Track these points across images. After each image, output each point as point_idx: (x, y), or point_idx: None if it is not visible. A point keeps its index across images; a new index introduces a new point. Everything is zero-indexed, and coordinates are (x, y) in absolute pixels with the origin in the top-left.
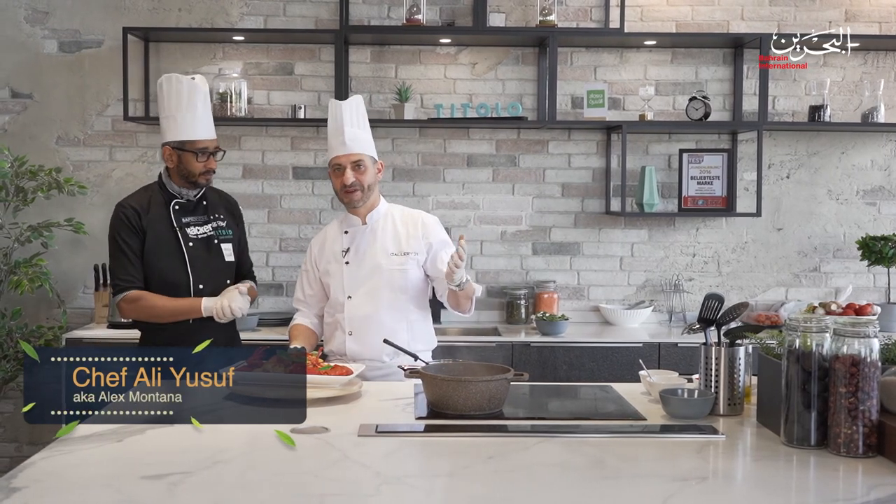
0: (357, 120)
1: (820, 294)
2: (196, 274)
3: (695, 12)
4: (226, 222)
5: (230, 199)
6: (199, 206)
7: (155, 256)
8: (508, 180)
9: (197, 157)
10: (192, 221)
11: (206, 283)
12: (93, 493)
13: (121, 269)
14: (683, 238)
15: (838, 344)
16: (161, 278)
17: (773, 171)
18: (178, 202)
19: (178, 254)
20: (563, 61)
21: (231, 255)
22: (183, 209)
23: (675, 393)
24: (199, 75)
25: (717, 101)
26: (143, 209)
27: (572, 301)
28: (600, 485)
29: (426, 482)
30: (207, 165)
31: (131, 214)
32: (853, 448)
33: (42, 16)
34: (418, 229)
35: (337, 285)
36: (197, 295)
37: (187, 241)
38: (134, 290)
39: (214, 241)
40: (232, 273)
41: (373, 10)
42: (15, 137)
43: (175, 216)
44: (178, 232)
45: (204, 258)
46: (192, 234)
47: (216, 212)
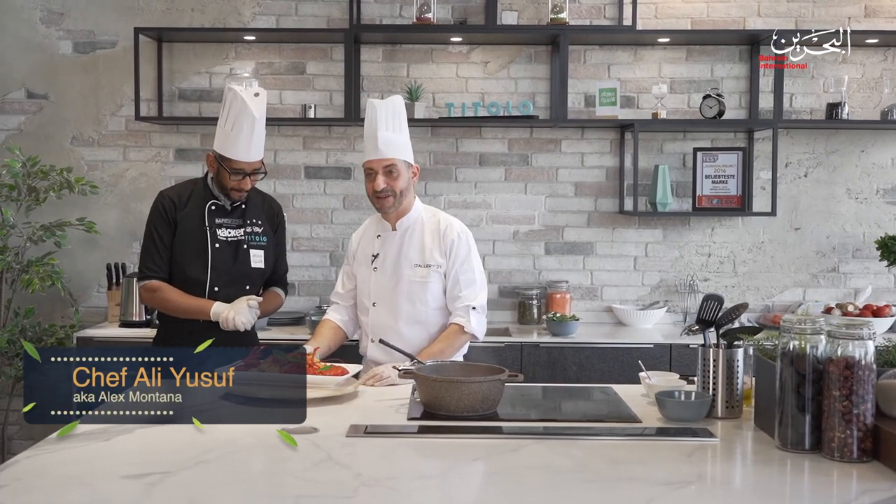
0: (393, 122)
1: (839, 295)
2: (215, 275)
3: (710, 9)
4: (262, 229)
5: (273, 205)
6: (237, 210)
7: (180, 250)
8: (521, 179)
9: (231, 175)
10: (224, 223)
11: (224, 286)
12: (69, 493)
13: (147, 257)
14: (698, 238)
15: (833, 346)
16: (181, 272)
17: (790, 169)
18: (216, 203)
19: (202, 252)
20: (576, 59)
21: (260, 262)
22: (219, 210)
23: (672, 395)
24: (262, 92)
25: (733, 98)
26: (182, 202)
27: (585, 301)
28: (581, 488)
29: (405, 484)
30: (240, 185)
31: (168, 205)
32: (847, 453)
33: (57, 17)
34: (445, 244)
35: (364, 290)
36: (212, 296)
37: (214, 242)
38: (155, 280)
39: (244, 245)
40: (257, 280)
41: (384, 8)
42: (30, 137)
43: (209, 216)
44: (208, 231)
45: (228, 261)
46: (222, 235)
47: (254, 217)
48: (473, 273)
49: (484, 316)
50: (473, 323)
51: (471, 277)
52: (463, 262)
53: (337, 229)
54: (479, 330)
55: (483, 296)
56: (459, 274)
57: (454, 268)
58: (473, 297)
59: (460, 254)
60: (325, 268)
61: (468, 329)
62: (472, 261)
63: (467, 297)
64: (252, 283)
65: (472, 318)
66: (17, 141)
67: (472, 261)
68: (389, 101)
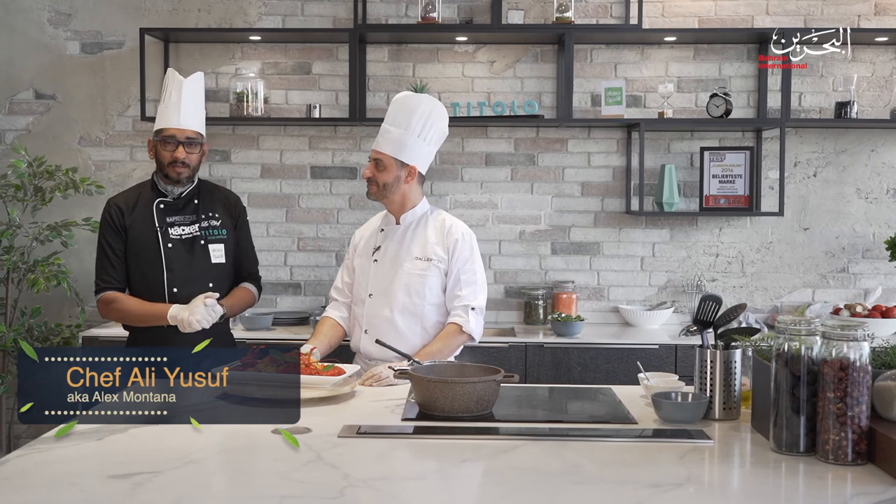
0: (403, 120)
1: (848, 296)
2: (172, 276)
3: (718, 7)
4: (220, 222)
5: (230, 197)
6: (189, 205)
7: (134, 256)
8: (527, 179)
9: (164, 149)
10: (176, 221)
11: (184, 286)
12: (55, 492)
13: (101, 269)
14: (706, 238)
15: (828, 347)
16: (138, 279)
17: (799, 169)
18: (164, 200)
19: (155, 254)
20: (582, 58)
21: (221, 257)
22: (168, 208)
23: (669, 396)
24: (196, 75)
25: (741, 97)
26: (129, 207)
27: (592, 302)
28: (569, 490)
29: (391, 485)
30: (174, 155)
31: (115, 213)
32: (841, 455)
33: (65, 18)
34: (448, 241)
35: (363, 282)
36: (171, 298)
37: (167, 242)
38: (110, 291)
39: (201, 241)
40: (221, 275)
41: (390, 8)
42: (38, 138)
43: (158, 215)
44: (159, 231)
45: (184, 259)
46: (175, 234)
47: (210, 210)
48: (475, 274)
49: (482, 317)
50: (472, 323)
51: (472, 278)
52: (465, 262)
53: (343, 229)
54: (477, 331)
55: (483, 297)
56: (461, 274)
57: (456, 267)
58: (473, 298)
59: (463, 253)
60: (331, 268)
61: (466, 329)
62: (474, 262)
63: (467, 298)
64: (215, 280)
65: (470, 318)
66: (25, 141)
67: (475, 262)
68: (416, 102)
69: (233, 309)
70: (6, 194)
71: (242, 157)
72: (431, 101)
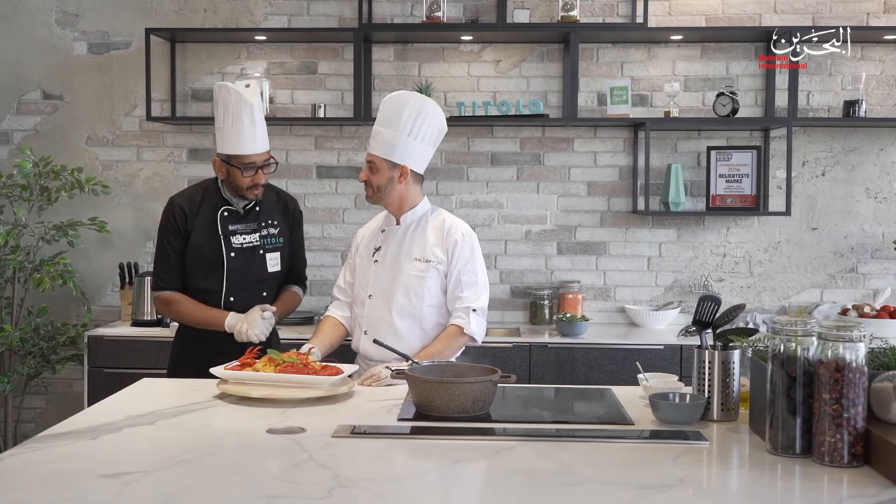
0: (394, 121)
1: (857, 296)
2: (231, 285)
3: (725, 5)
4: (278, 229)
5: (289, 201)
6: (251, 213)
7: (194, 260)
8: (533, 179)
9: (242, 172)
10: (239, 229)
11: (240, 294)
12: (44, 491)
13: (161, 268)
14: (713, 238)
15: (824, 348)
16: (195, 283)
17: (807, 168)
18: (228, 209)
19: (217, 262)
20: (588, 57)
21: (276, 265)
22: (232, 216)
23: (666, 397)
24: (252, 83)
25: (748, 96)
26: (193, 210)
27: (598, 302)
28: (558, 491)
29: (380, 486)
30: (255, 180)
31: (179, 215)
32: (837, 457)
33: (72, 18)
34: (448, 242)
35: (363, 282)
36: (227, 306)
37: (229, 251)
38: (168, 291)
39: (260, 251)
40: (274, 283)
41: (396, 7)
42: (46, 138)
43: (222, 223)
44: (223, 240)
45: (243, 269)
46: (237, 242)
47: (269, 218)
48: (476, 275)
49: (484, 319)
50: (473, 325)
51: (473, 279)
52: (466, 262)
53: (349, 229)
54: (478, 332)
55: (484, 298)
56: (462, 275)
57: (456, 268)
58: (475, 299)
59: (463, 254)
60: (337, 267)
61: (467, 331)
62: (475, 262)
63: (468, 299)
64: (269, 288)
65: (472, 319)
66: (33, 141)
67: (476, 263)
68: (404, 101)
69: (283, 314)
70: (12, 194)
71: None
72: (420, 98)
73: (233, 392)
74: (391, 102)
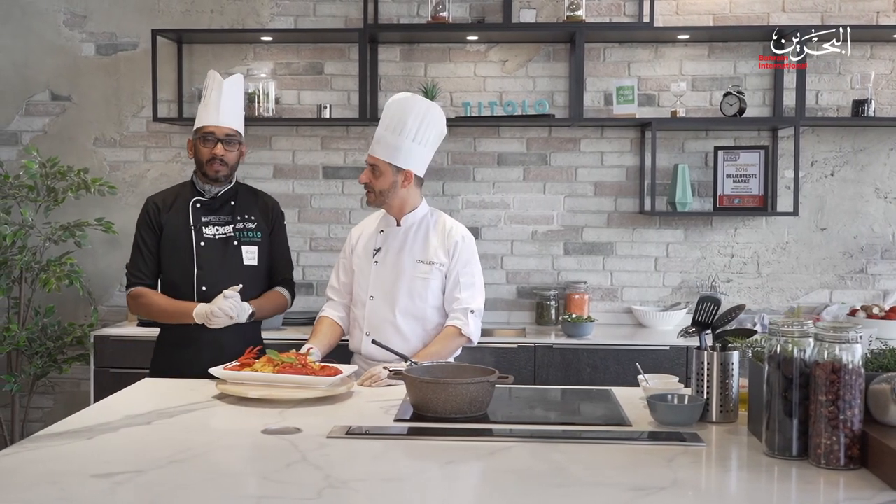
0: (398, 125)
1: (867, 297)
2: (202, 274)
3: (733, 4)
4: (255, 224)
5: (268, 202)
6: (225, 206)
7: (167, 253)
8: (539, 179)
9: (203, 145)
10: (211, 220)
11: (214, 285)
12: (35, 491)
13: (133, 264)
14: (721, 238)
15: (820, 349)
16: (169, 276)
17: (816, 168)
18: (200, 200)
19: (187, 252)
20: (595, 57)
21: (253, 260)
22: (205, 207)
23: (664, 398)
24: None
25: (756, 96)
26: (167, 205)
27: (605, 302)
28: (549, 493)
29: (371, 486)
30: (213, 152)
31: (151, 210)
32: (833, 460)
33: (80, 19)
34: (449, 244)
35: (363, 283)
36: (200, 297)
37: (200, 240)
38: (139, 286)
39: (234, 242)
40: (252, 278)
41: (402, 7)
42: (54, 139)
43: (193, 213)
44: (192, 229)
45: (216, 259)
46: (208, 233)
47: (245, 213)
48: (474, 277)
49: (480, 320)
50: (471, 325)
51: (471, 281)
52: (465, 264)
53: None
54: (475, 333)
55: (481, 300)
56: (460, 276)
57: (455, 269)
58: (472, 301)
59: (463, 256)
60: None
61: (465, 332)
62: (473, 265)
63: (466, 300)
64: (246, 282)
65: (469, 321)
66: (41, 142)
67: (474, 265)
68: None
69: (262, 310)
70: (19, 195)
71: (255, 158)
72: (425, 102)
73: (231, 392)
74: (396, 106)
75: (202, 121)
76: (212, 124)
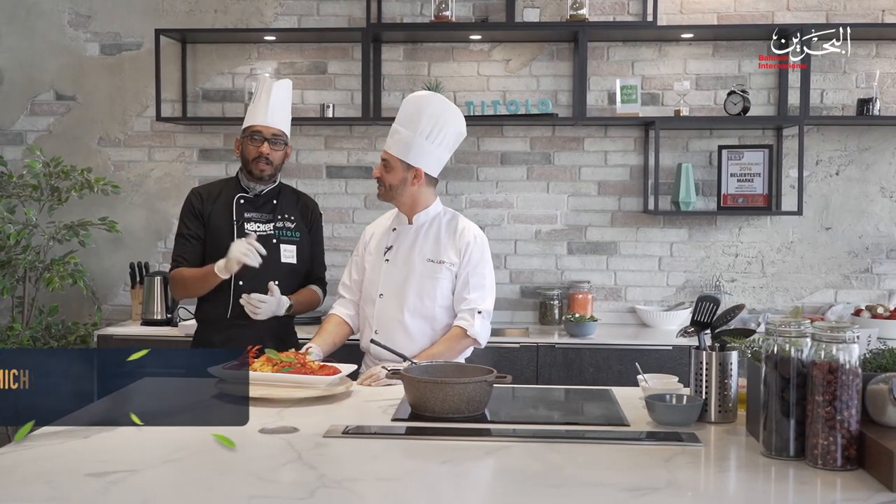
0: (412, 122)
1: (872, 296)
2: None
3: (737, 3)
4: (294, 224)
5: (309, 204)
6: (268, 204)
7: (211, 244)
8: (543, 178)
9: (250, 141)
10: (253, 217)
11: (250, 280)
12: (30, 489)
13: (175, 248)
14: (725, 237)
15: (817, 349)
16: None
17: (821, 167)
18: (244, 196)
19: (228, 245)
20: (599, 56)
21: (292, 258)
22: (248, 203)
23: (663, 398)
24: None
25: (761, 95)
26: (211, 197)
27: (608, 302)
28: (543, 493)
29: (365, 486)
30: (259, 150)
31: (195, 199)
32: (830, 460)
33: (84, 19)
34: (461, 244)
35: (374, 281)
36: (237, 290)
37: (241, 235)
38: (178, 268)
39: (273, 240)
40: (289, 275)
41: (405, 7)
42: (59, 139)
43: (237, 209)
44: (235, 224)
45: None
46: (250, 229)
47: (286, 212)
48: (484, 278)
49: (489, 322)
50: (477, 327)
51: (480, 281)
52: (476, 265)
53: (359, 229)
54: (482, 335)
55: (490, 302)
56: (470, 276)
57: (465, 269)
58: (481, 302)
59: (474, 256)
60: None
61: (471, 333)
62: (484, 265)
63: (474, 301)
64: (282, 279)
65: (476, 321)
66: (46, 142)
67: (485, 266)
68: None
69: (299, 304)
70: (23, 194)
71: None
72: (443, 102)
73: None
74: (412, 103)
75: (250, 120)
76: (259, 124)
